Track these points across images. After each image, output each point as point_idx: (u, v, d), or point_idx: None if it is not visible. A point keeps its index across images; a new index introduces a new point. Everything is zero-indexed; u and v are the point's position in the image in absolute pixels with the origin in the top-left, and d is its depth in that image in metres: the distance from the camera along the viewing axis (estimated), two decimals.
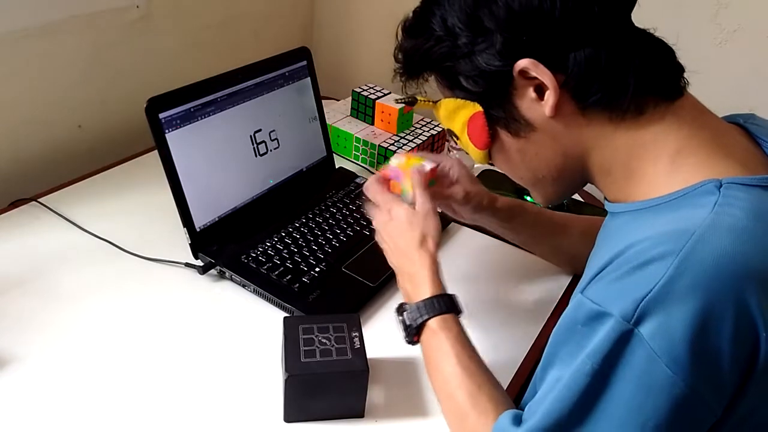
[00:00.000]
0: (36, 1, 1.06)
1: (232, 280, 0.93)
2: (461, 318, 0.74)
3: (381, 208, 0.82)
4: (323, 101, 1.17)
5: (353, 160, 1.28)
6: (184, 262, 0.95)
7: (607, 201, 0.68)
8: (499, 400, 0.66)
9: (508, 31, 0.61)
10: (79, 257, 0.96)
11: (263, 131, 1.05)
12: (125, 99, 1.25)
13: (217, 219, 0.98)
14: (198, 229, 0.95)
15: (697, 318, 0.50)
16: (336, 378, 0.72)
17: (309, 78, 1.13)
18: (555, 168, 0.68)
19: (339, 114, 1.34)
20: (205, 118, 0.95)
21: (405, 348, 0.76)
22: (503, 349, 0.86)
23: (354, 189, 1.14)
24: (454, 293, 0.75)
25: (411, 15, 0.69)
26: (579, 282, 0.61)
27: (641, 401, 0.52)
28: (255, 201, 1.04)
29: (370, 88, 1.32)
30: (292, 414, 0.74)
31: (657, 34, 0.64)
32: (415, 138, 1.26)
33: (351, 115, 1.33)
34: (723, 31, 1.23)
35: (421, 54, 0.68)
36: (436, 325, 0.72)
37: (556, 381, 0.57)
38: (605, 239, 0.66)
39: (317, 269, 0.94)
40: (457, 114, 0.70)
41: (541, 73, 0.61)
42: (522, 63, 0.61)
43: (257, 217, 1.02)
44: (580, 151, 0.65)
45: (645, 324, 0.51)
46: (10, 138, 1.12)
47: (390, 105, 1.26)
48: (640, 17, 0.64)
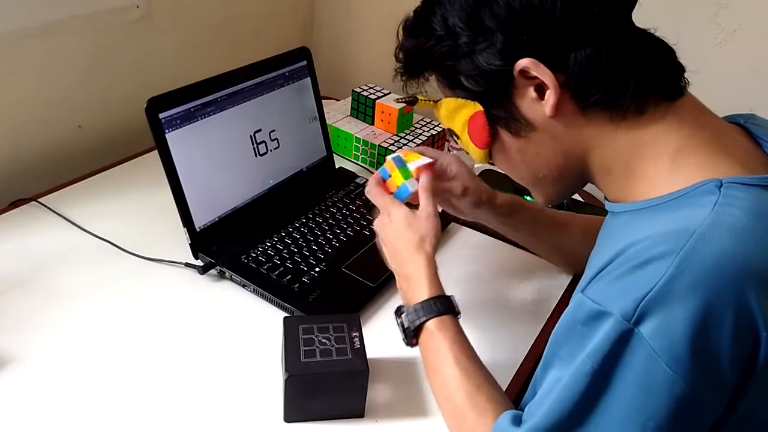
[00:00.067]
0: (36, 1, 1.06)
1: (232, 280, 0.93)
2: (460, 319, 0.74)
3: (381, 211, 0.82)
4: (323, 101, 1.17)
5: (353, 160, 1.28)
6: (184, 262, 0.95)
7: (608, 201, 0.68)
8: (498, 400, 0.66)
9: (508, 31, 0.61)
10: (79, 257, 0.96)
11: (263, 131, 1.05)
12: (125, 99, 1.25)
13: (217, 219, 0.98)
14: (198, 229, 0.95)
15: (698, 317, 0.50)
16: (336, 378, 0.72)
17: (309, 78, 1.13)
18: (555, 168, 0.68)
19: (339, 114, 1.34)
20: (205, 118, 0.95)
21: (405, 348, 0.76)
22: (503, 349, 0.86)
23: (354, 189, 1.14)
24: (451, 295, 0.75)
25: (412, 14, 0.69)
26: (579, 281, 0.61)
27: (642, 401, 0.52)
28: (255, 201, 1.04)
29: (370, 88, 1.32)
30: (292, 414, 0.74)
31: (657, 34, 0.64)
32: (416, 138, 1.26)
33: (351, 115, 1.33)
34: (723, 31, 1.23)
35: (422, 53, 0.68)
36: (433, 327, 0.72)
37: (556, 381, 0.57)
38: (606, 239, 0.66)
39: (317, 269, 0.94)
40: (458, 113, 0.70)
41: (542, 73, 0.61)
42: (522, 62, 0.61)
43: (257, 217, 1.02)
44: (580, 151, 0.65)
45: (645, 323, 0.51)
46: (10, 138, 1.12)
47: (390, 105, 1.26)
48: (640, 17, 0.64)
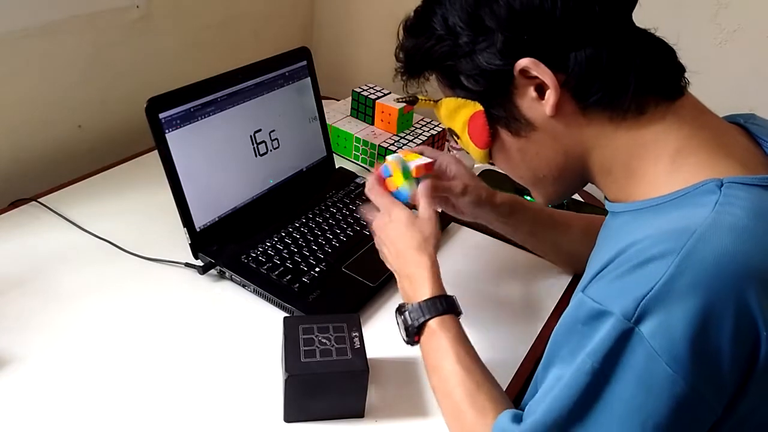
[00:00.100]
0: (36, 1, 1.06)
1: (232, 280, 0.93)
2: (461, 318, 0.74)
3: (381, 210, 0.82)
4: (323, 101, 1.17)
5: (353, 160, 1.28)
6: (184, 262, 0.95)
7: (608, 200, 0.68)
8: (498, 399, 0.67)
9: (509, 31, 0.61)
10: (79, 257, 0.96)
11: (263, 131, 1.05)
12: (125, 99, 1.25)
13: (217, 219, 0.98)
14: (198, 229, 0.95)
15: (698, 317, 0.50)
16: (336, 378, 0.72)
17: (309, 78, 1.13)
18: (555, 167, 0.68)
19: (339, 114, 1.34)
20: (205, 118, 0.95)
21: (405, 348, 0.76)
22: (503, 349, 0.86)
23: (354, 189, 1.14)
24: (453, 295, 0.75)
25: (412, 14, 0.69)
26: (580, 281, 0.61)
27: (642, 400, 0.52)
28: (255, 201, 1.04)
29: (370, 88, 1.32)
30: (292, 414, 0.74)
31: (657, 34, 0.64)
32: (416, 138, 1.26)
33: (351, 115, 1.33)
34: (723, 31, 1.23)
35: (422, 53, 0.68)
36: (436, 325, 0.72)
37: (556, 380, 0.57)
38: (606, 239, 0.67)
39: (317, 269, 0.94)
40: (458, 113, 0.70)
41: (542, 73, 0.61)
42: (523, 62, 0.61)
43: (257, 217, 1.02)
44: (580, 151, 0.65)
45: (645, 322, 0.51)
46: (10, 138, 1.12)
47: (390, 105, 1.26)
48: (640, 17, 0.64)
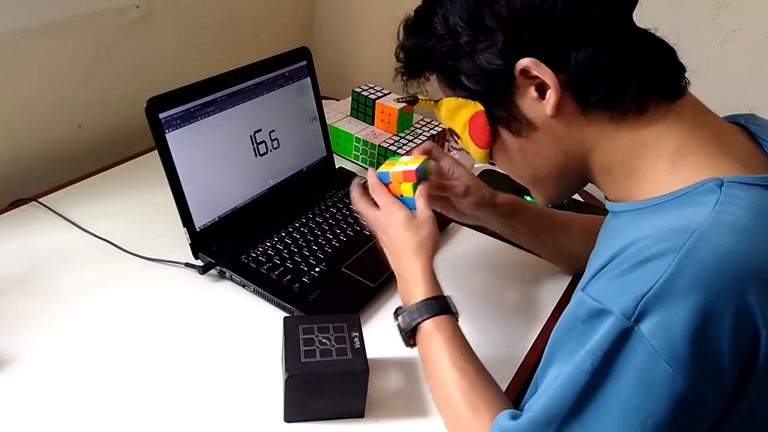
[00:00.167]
0: (36, 1, 1.06)
1: (232, 280, 0.93)
2: (459, 319, 0.74)
3: (382, 209, 0.82)
4: (323, 101, 1.17)
5: (353, 160, 1.28)
6: (184, 262, 0.95)
7: (608, 200, 0.68)
8: (494, 398, 0.67)
9: (509, 30, 0.61)
10: (79, 257, 0.96)
11: (263, 131, 1.05)
12: (125, 99, 1.25)
13: (217, 219, 0.98)
14: (198, 229, 0.95)
15: (698, 316, 0.50)
16: (336, 378, 0.72)
17: (309, 78, 1.13)
18: (556, 167, 0.68)
19: (339, 114, 1.34)
20: (205, 118, 0.95)
21: (405, 348, 0.76)
22: (503, 349, 0.86)
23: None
24: (449, 295, 0.75)
25: (413, 14, 0.69)
26: (580, 280, 0.61)
27: (641, 399, 0.52)
28: (255, 201, 1.04)
29: (370, 88, 1.32)
30: (292, 414, 0.74)
31: (658, 34, 0.64)
32: (415, 138, 1.26)
33: (351, 115, 1.33)
34: (723, 31, 1.23)
35: (423, 53, 0.68)
36: (429, 327, 0.72)
37: (555, 378, 0.57)
38: (606, 238, 0.67)
39: (317, 269, 0.94)
40: (459, 113, 0.70)
41: (543, 73, 0.61)
42: (523, 62, 0.61)
43: (257, 217, 1.02)
44: (581, 151, 0.65)
45: (645, 321, 0.51)
46: (10, 138, 1.12)
47: (390, 105, 1.26)
48: (640, 17, 0.64)
